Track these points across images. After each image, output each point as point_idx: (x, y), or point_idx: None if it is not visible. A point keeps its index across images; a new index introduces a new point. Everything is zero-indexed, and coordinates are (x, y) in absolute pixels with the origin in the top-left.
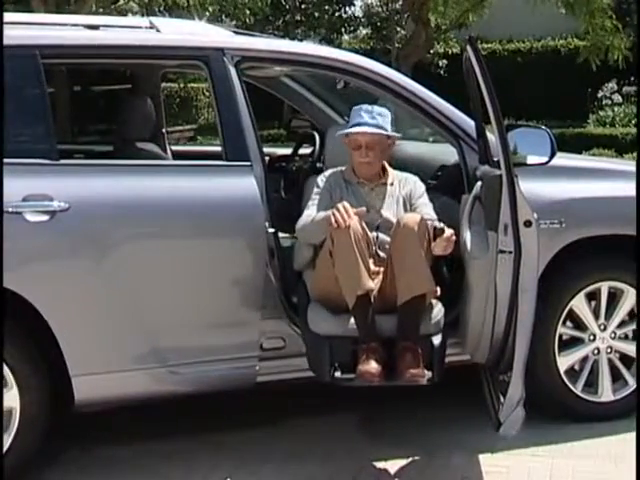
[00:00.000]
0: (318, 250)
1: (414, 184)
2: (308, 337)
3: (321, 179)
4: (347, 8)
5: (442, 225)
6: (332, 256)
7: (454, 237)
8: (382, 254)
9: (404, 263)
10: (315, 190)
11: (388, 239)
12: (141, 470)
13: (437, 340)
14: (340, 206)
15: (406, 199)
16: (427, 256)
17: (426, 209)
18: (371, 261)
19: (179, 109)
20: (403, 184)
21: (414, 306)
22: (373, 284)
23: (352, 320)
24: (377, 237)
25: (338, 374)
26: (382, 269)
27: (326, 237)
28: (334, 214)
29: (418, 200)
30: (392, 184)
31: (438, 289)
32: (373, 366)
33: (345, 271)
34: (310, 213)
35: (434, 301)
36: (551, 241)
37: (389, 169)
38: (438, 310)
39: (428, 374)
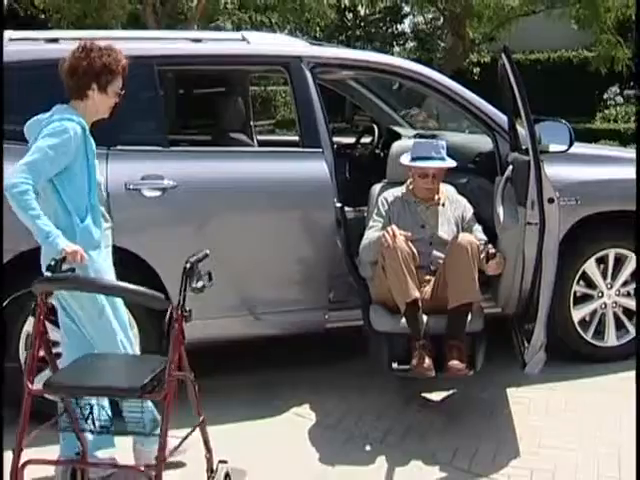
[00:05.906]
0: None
1: (464, 207)
2: (370, 333)
3: (382, 202)
4: (398, 25)
5: (494, 250)
6: (384, 270)
7: (503, 260)
8: (433, 267)
9: (457, 275)
10: (375, 211)
11: (439, 254)
12: (232, 398)
13: (479, 337)
14: (389, 229)
15: (458, 220)
16: (475, 270)
17: (478, 232)
18: (423, 272)
19: (261, 108)
20: (455, 206)
21: (462, 311)
22: (419, 293)
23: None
24: (430, 253)
25: (395, 365)
26: (434, 278)
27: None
28: (384, 235)
29: (472, 224)
30: (444, 204)
31: (482, 298)
32: (424, 361)
33: (395, 283)
34: (367, 236)
35: (478, 305)
36: (569, 215)
37: (441, 189)
38: (481, 313)
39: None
